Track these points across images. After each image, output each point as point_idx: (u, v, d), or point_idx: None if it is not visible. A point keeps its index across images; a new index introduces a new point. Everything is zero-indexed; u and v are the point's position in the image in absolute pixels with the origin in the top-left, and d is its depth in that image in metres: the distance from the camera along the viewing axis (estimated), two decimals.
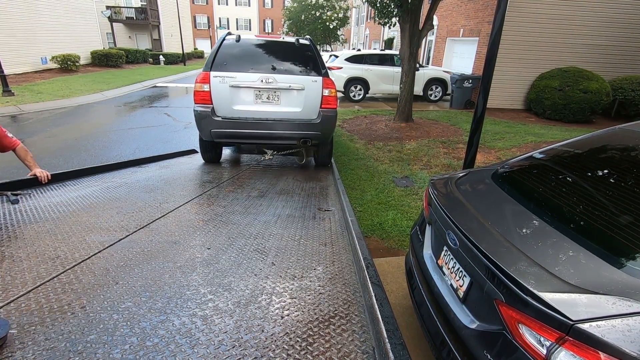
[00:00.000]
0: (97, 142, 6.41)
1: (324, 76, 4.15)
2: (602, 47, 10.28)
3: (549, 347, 1.01)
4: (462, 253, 1.47)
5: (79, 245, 2.26)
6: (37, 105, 9.60)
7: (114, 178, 3.81)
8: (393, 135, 7.50)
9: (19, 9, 14.56)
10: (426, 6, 8.70)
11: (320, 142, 4.40)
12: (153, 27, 29.55)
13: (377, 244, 3.41)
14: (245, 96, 4.06)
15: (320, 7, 22.17)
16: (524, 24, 9.89)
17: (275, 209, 3.13)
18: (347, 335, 1.62)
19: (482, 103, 3.55)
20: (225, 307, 1.74)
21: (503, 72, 9.87)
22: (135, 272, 1.99)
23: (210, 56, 4.13)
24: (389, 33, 22.11)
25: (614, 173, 1.61)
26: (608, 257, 1.16)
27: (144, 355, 1.41)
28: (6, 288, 1.78)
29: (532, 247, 1.30)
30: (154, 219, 2.73)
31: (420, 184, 4.83)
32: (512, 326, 1.13)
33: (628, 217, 1.31)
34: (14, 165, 5.18)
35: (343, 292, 1.96)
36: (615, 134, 1.92)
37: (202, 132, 4.15)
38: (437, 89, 12.34)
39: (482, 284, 1.31)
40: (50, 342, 1.45)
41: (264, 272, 2.08)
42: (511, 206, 1.64)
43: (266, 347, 1.50)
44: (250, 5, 49.14)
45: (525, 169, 2.00)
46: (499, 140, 6.96)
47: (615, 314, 0.94)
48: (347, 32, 33.26)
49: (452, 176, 2.13)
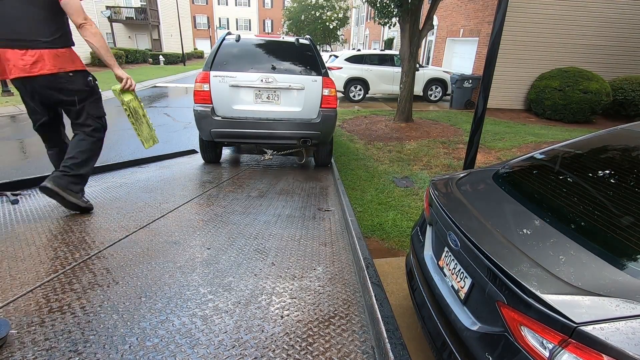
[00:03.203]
0: None
1: (324, 76, 4.14)
2: (602, 48, 10.28)
3: (551, 349, 1.00)
4: (463, 254, 1.47)
5: (79, 245, 2.25)
6: None
7: (114, 178, 3.80)
8: (393, 135, 7.50)
9: None
10: (426, 6, 8.70)
11: (320, 142, 4.39)
12: (153, 27, 29.55)
13: (377, 244, 3.41)
14: (245, 96, 4.05)
15: (320, 7, 22.17)
16: (524, 24, 9.90)
17: (275, 209, 3.12)
18: (347, 335, 1.62)
19: (482, 103, 3.54)
20: (225, 307, 1.73)
21: (503, 72, 9.87)
22: (135, 272, 1.98)
23: (210, 56, 4.13)
24: (389, 33, 22.11)
25: (615, 174, 1.61)
26: (610, 258, 1.16)
27: (143, 355, 1.41)
28: (6, 288, 1.78)
29: (534, 248, 1.29)
30: (154, 219, 2.73)
31: (421, 184, 4.83)
32: (514, 328, 1.13)
33: (630, 217, 1.30)
34: (14, 165, 5.18)
35: (343, 292, 1.95)
36: (616, 134, 1.91)
37: (202, 132, 4.15)
38: (437, 89, 12.34)
39: (484, 286, 1.31)
40: (50, 342, 1.45)
41: (264, 272, 2.08)
42: (512, 207, 1.64)
43: (266, 347, 1.49)
44: (250, 6, 49.14)
45: (527, 170, 2.00)
46: (499, 141, 6.96)
47: (618, 316, 0.94)
48: (347, 32, 33.27)
49: (453, 177, 2.13)
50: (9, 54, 2.10)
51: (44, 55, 2.13)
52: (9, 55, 2.10)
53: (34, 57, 2.11)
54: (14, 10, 2.03)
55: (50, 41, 2.13)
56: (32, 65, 2.12)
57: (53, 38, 2.14)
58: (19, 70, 2.13)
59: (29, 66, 2.12)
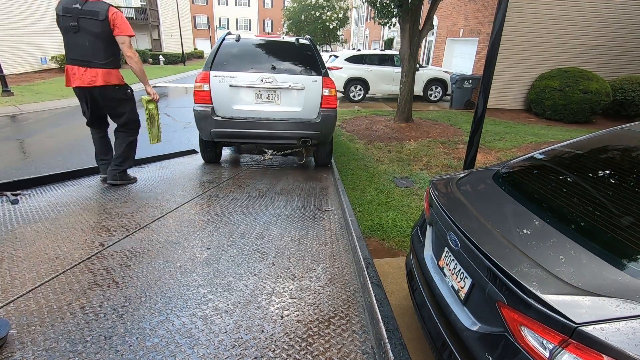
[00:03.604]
0: None
1: (324, 76, 4.14)
2: (602, 48, 10.28)
3: (551, 350, 1.00)
4: (463, 254, 1.47)
5: (79, 245, 2.25)
6: (37, 105, 9.58)
7: None
8: (393, 135, 7.50)
9: (19, 9, 14.55)
10: (426, 6, 8.70)
11: (320, 142, 4.39)
12: (153, 27, 29.54)
13: (377, 244, 3.41)
14: (245, 96, 4.05)
15: (320, 7, 22.17)
16: (524, 24, 9.90)
17: (275, 209, 3.12)
18: (347, 335, 1.62)
19: (482, 103, 3.54)
20: (225, 307, 1.73)
21: (503, 73, 9.87)
22: (135, 272, 1.98)
23: (210, 56, 4.13)
24: (389, 33, 22.11)
25: (615, 174, 1.61)
26: (610, 258, 1.16)
27: (143, 355, 1.41)
28: (6, 288, 1.78)
29: (534, 248, 1.29)
30: (154, 219, 2.73)
31: (421, 184, 4.83)
32: (514, 328, 1.12)
33: (630, 218, 1.30)
34: (14, 165, 5.18)
35: (343, 292, 1.95)
36: (616, 134, 1.91)
37: (202, 132, 4.15)
38: (437, 89, 12.34)
39: (484, 286, 1.31)
40: (49, 342, 1.45)
41: (263, 272, 2.08)
42: (513, 207, 1.64)
43: (266, 347, 1.49)
44: (250, 6, 49.13)
45: (527, 170, 2.00)
46: (499, 141, 6.96)
47: (619, 316, 0.94)
48: (347, 32, 33.27)
49: (453, 177, 2.13)
50: (75, 70, 3.01)
51: (99, 73, 3.01)
52: (75, 70, 3.01)
53: (92, 73, 3.00)
54: (84, 41, 2.95)
55: (104, 64, 3.01)
56: (90, 79, 3.01)
57: (106, 62, 3.03)
58: (79, 81, 3.02)
59: (87, 80, 3.01)
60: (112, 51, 3.04)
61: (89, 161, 5.39)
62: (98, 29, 2.93)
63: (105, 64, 3.02)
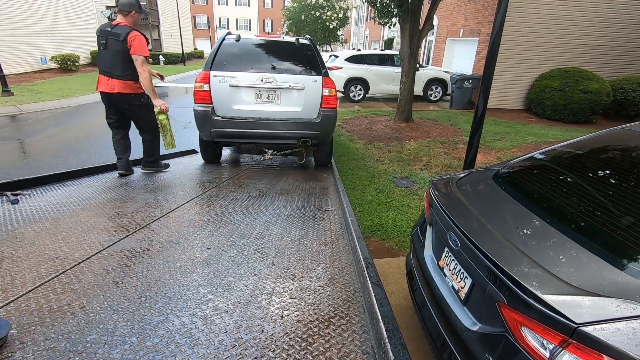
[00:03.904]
0: (97, 142, 6.40)
1: (324, 76, 4.14)
2: (602, 48, 10.28)
3: (552, 350, 1.00)
4: (463, 254, 1.47)
5: (79, 245, 2.25)
6: (37, 105, 9.58)
7: (115, 178, 3.81)
8: (393, 135, 7.50)
9: (19, 9, 14.54)
10: (426, 6, 8.70)
11: (320, 142, 4.39)
12: (153, 27, 29.51)
13: (377, 244, 3.41)
14: (245, 96, 4.05)
15: (320, 7, 22.16)
16: (524, 24, 9.89)
17: (275, 209, 3.12)
18: (347, 335, 1.62)
19: (482, 103, 3.54)
20: (225, 307, 1.73)
21: (503, 72, 9.87)
22: (135, 272, 1.98)
23: (210, 56, 4.13)
24: (389, 33, 22.11)
25: (615, 174, 1.61)
26: (611, 258, 1.16)
27: (143, 355, 1.41)
28: (6, 288, 1.78)
29: (534, 248, 1.29)
30: (154, 219, 2.73)
31: (421, 184, 4.83)
32: (514, 329, 1.12)
33: (630, 218, 1.30)
34: (14, 165, 5.18)
35: (343, 292, 1.95)
36: (616, 134, 1.91)
37: (202, 132, 4.15)
38: (437, 89, 12.33)
39: (484, 286, 1.31)
40: (50, 342, 1.45)
41: (264, 272, 2.08)
42: (513, 207, 1.63)
43: (266, 347, 1.49)
44: (250, 6, 49.12)
45: (527, 170, 2.00)
46: (499, 141, 6.95)
47: (619, 316, 0.94)
48: (347, 32, 33.26)
49: (453, 177, 2.13)
50: (102, 78, 3.63)
51: (117, 82, 3.59)
52: (102, 79, 3.63)
53: (112, 82, 3.59)
54: (109, 56, 3.58)
55: (121, 75, 3.59)
56: (111, 87, 3.60)
57: (124, 74, 3.60)
58: (103, 87, 3.63)
59: (109, 87, 3.60)
60: (129, 66, 3.59)
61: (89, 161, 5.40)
62: (118, 47, 3.53)
63: (123, 75, 3.59)
